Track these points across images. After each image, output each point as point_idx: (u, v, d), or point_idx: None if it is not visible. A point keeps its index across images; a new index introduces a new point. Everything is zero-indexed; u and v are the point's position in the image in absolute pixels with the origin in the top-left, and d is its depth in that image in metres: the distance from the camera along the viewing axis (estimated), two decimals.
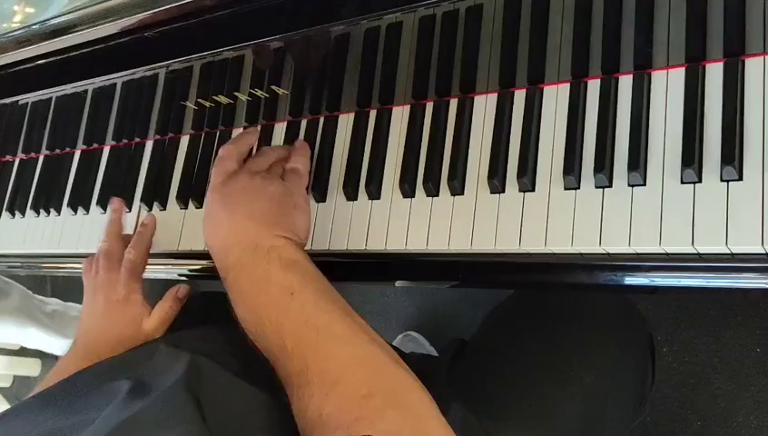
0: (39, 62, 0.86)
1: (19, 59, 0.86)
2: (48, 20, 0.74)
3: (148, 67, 0.80)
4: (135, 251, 0.73)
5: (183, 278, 0.83)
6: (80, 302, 0.78)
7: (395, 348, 0.83)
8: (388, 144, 0.68)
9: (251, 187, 0.62)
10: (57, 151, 0.95)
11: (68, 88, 0.91)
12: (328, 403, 0.48)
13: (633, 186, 0.55)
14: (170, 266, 0.82)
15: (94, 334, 0.71)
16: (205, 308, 0.93)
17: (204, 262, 0.79)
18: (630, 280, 0.58)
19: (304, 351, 0.52)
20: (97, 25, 0.74)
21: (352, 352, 0.52)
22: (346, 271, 0.70)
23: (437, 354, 1.25)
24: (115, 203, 0.79)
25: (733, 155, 0.51)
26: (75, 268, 0.90)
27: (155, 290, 0.77)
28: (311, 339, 0.53)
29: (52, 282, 1.89)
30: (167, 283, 0.79)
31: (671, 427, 1.17)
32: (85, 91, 0.91)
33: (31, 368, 1.91)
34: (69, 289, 1.82)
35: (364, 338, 0.54)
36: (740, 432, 1.13)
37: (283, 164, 0.67)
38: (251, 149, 0.73)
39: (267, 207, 0.61)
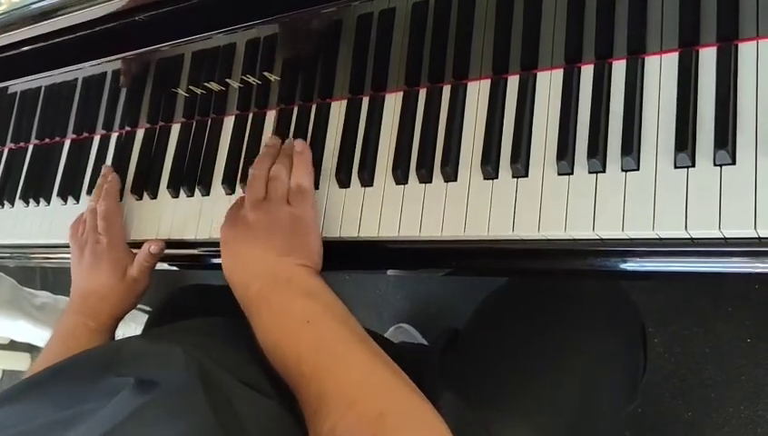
0: (25, 48, 0.85)
1: (5, 44, 0.85)
2: (34, 2, 0.73)
3: (140, 52, 0.80)
4: (105, 201, 0.79)
5: (174, 268, 0.82)
6: (69, 294, 0.79)
7: (386, 339, 0.84)
8: (381, 131, 0.67)
9: (263, 221, 0.64)
10: (47, 140, 0.94)
11: (57, 76, 0.90)
12: (342, 423, 0.49)
13: (626, 171, 0.55)
14: None
15: (84, 285, 0.77)
16: (190, 300, 0.93)
17: (195, 250, 0.78)
18: (623, 265, 0.58)
19: (321, 376, 0.53)
20: (85, 8, 0.73)
21: (367, 376, 0.54)
22: (338, 259, 0.70)
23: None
24: (105, 169, 0.84)
25: (726, 140, 0.51)
26: (65, 258, 0.89)
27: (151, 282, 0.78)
28: (327, 364, 0.54)
29: (41, 275, 1.87)
30: (158, 273, 0.79)
31: (661, 417, 1.17)
32: (75, 79, 0.90)
33: (20, 362, 1.90)
34: (58, 282, 1.81)
35: (378, 362, 0.55)
36: (730, 423, 1.14)
37: (283, 180, 0.67)
38: None
39: (280, 238, 0.63)
